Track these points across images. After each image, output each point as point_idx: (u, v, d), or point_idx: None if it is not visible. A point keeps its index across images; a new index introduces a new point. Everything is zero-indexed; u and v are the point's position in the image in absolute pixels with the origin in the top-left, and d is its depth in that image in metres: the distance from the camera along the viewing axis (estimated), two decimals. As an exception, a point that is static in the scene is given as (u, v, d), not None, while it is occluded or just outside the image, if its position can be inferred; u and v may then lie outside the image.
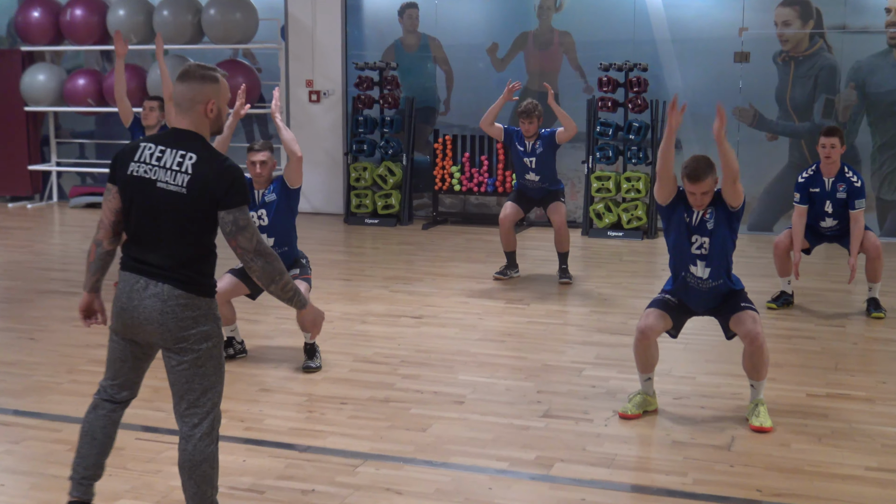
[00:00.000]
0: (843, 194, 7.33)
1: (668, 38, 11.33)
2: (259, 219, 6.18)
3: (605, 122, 11.12)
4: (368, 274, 9.10)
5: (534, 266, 9.36)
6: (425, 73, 12.28)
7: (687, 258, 5.21)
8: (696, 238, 5.17)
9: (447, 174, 11.85)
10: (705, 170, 5.04)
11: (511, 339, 6.91)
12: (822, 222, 7.49)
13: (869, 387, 5.83)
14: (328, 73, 12.46)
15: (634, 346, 5.34)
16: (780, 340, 6.78)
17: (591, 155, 11.30)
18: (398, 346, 6.69)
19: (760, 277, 8.46)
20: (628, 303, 7.89)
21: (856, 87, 10.84)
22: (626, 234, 11.03)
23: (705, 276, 5.19)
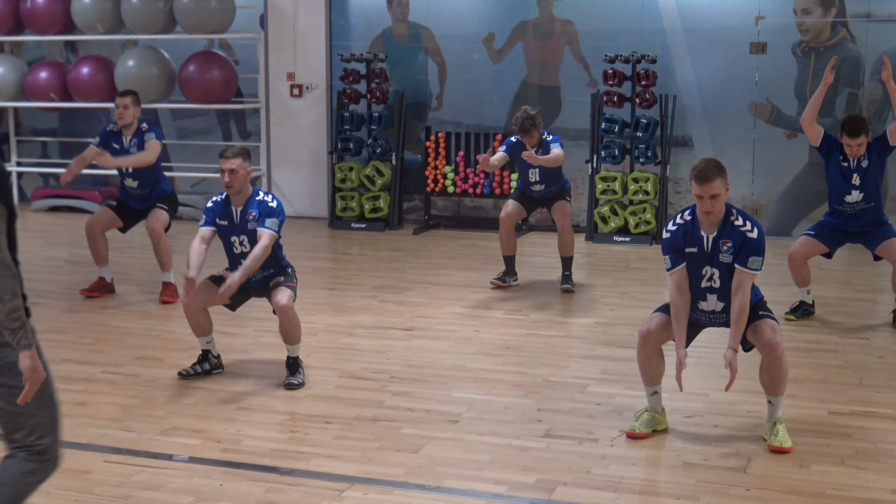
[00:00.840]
0: (867, 161, 7.39)
1: (678, 28, 11.36)
2: (241, 245, 6.17)
3: (610, 119, 11.15)
4: (355, 283, 9.11)
5: (534, 273, 9.38)
6: (416, 66, 12.31)
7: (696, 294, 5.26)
8: (707, 269, 5.21)
9: (440, 175, 11.88)
10: (715, 172, 5.07)
11: (509, 353, 6.92)
12: (847, 196, 7.47)
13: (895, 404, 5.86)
14: (311, 66, 12.48)
15: (637, 354, 5.37)
16: (800, 354, 6.81)
17: (596, 154, 11.33)
18: (388, 361, 6.70)
19: (779, 286, 8.49)
20: (636, 314, 7.91)
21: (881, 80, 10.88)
22: (634, 239, 11.06)
23: (718, 310, 5.27)
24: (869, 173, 7.42)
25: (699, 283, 5.23)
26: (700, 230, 5.20)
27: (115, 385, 6.20)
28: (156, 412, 5.73)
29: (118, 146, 8.29)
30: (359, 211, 12.10)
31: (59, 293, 8.63)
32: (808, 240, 7.64)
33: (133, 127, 8.31)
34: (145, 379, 6.31)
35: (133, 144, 8.28)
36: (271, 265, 6.24)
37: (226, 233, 6.20)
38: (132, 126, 8.31)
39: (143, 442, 5.31)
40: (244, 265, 5.99)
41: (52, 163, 13.77)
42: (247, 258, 6.02)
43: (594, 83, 11.65)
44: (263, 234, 6.04)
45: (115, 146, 8.29)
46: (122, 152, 8.27)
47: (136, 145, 8.27)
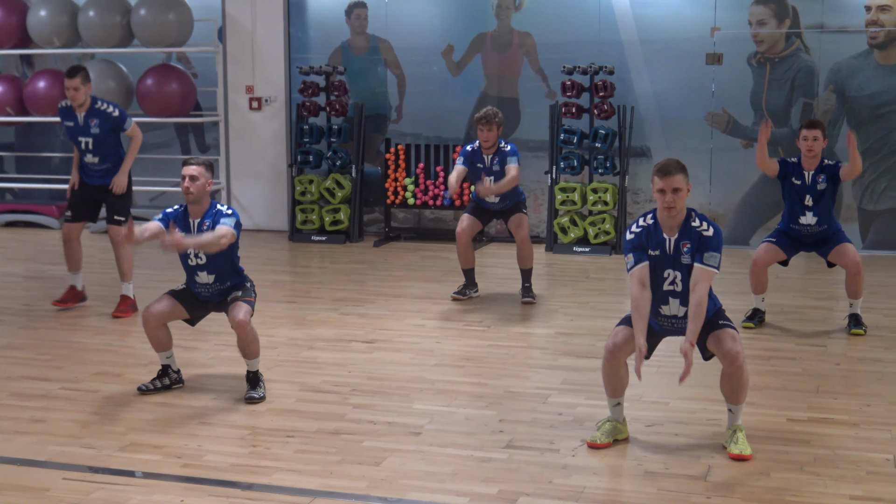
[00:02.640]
0: (823, 184, 7.48)
1: (635, 39, 11.44)
2: (196, 256, 6.12)
3: (569, 130, 11.20)
4: (316, 295, 9.08)
5: (494, 285, 9.38)
6: (375, 78, 12.31)
7: (658, 297, 5.28)
8: (669, 273, 5.24)
9: (400, 187, 11.87)
10: (677, 167, 5.14)
11: (471, 365, 6.92)
12: (801, 218, 7.57)
13: (853, 410, 5.91)
14: (270, 79, 12.44)
15: (603, 367, 5.38)
16: (759, 362, 6.86)
17: (555, 165, 11.37)
18: (349, 374, 6.68)
19: (736, 295, 8.54)
20: (596, 323, 7.94)
21: (835, 90, 11.00)
22: (593, 249, 11.10)
23: (680, 315, 5.28)
24: (823, 197, 7.51)
25: (661, 286, 5.24)
26: (662, 233, 5.23)
27: (74, 401, 6.14)
28: (115, 428, 5.68)
29: (72, 123, 8.24)
30: (319, 223, 12.07)
31: (17, 309, 8.53)
32: (770, 246, 7.70)
33: (86, 104, 8.22)
34: (104, 395, 6.25)
35: (91, 123, 8.18)
36: (229, 277, 6.19)
37: None
38: (84, 107, 8.22)
39: (102, 458, 5.25)
40: (199, 238, 5.90)
41: (9, 178, 13.63)
42: (204, 234, 5.95)
43: (553, 95, 11.70)
44: (221, 227, 5.99)
45: (68, 124, 8.27)
46: (78, 129, 8.23)
47: (97, 125, 8.18)
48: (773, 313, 8.12)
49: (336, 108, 11.90)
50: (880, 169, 10.98)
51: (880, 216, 11.05)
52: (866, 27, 10.84)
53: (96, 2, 12.15)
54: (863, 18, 10.85)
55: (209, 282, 6.15)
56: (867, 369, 6.79)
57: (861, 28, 10.87)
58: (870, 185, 11.03)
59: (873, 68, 10.88)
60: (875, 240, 11.07)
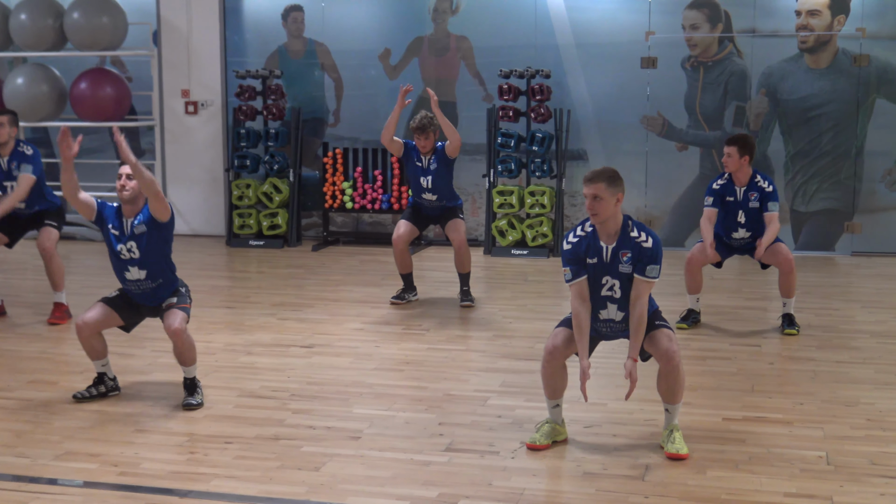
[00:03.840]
0: (755, 203, 7.58)
1: (571, 43, 11.51)
2: (129, 251, 6.05)
3: (506, 133, 11.25)
4: (254, 300, 9.03)
5: (433, 289, 9.39)
6: (312, 82, 12.27)
7: (596, 303, 5.32)
8: (606, 279, 5.28)
9: (338, 191, 11.84)
10: (602, 175, 5.18)
11: (410, 368, 6.92)
12: (733, 233, 7.72)
13: (786, 409, 6.00)
14: (206, 83, 12.35)
15: (542, 369, 5.40)
16: (695, 362, 6.93)
17: (493, 168, 11.41)
18: (287, 379, 6.64)
19: (671, 296, 8.63)
20: (535, 326, 7.97)
21: (767, 93, 11.16)
22: (531, 252, 11.15)
23: (618, 319, 5.33)
24: (756, 214, 7.61)
25: (599, 291, 5.28)
26: (599, 241, 5.26)
27: (8, 410, 6.04)
28: (50, 437, 5.60)
29: None
30: (256, 228, 12.00)
31: (-52, 317, 8.39)
32: (703, 246, 7.78)
33: (10, 146, 8.15)
34: (39, 403, 6.16)
35: (13, 167, 8.13)
36: (161, 274, 6.10)
37: (112, 241, 6.07)
38: (9, 145, 8.15)
39: (37, 468, 5.18)
40: (138, 164, 5.82)
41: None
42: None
43: (490, 98, 11.73)
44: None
45: None
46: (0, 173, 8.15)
47: (16, 167, 8.12)
48: (708, 314, 8.21)
49: (273, 111, 11.84)
50: (811, 171, 11.15)
51: (812, 218, 11.22)
52: (797, 31, 11.01)
53: (28, 4, 11.97)
54: (793, 23, 11.01)
55: (140, 278, 6.08)
56: (800, 368, 6.89)
57: (792, 32, 11.03)
58: (801, 186, 11.20)
59: (804, 72, 11.05)
60: (807, 241, 11.24)
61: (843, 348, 7.35)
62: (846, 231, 11.17)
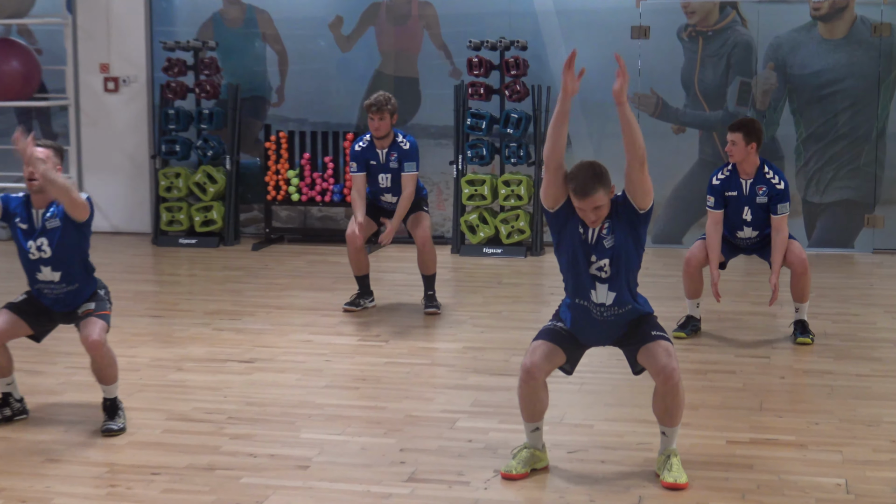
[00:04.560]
0: (763, 198, 7.59)
1: (551, 10, 11.53)
2: (39, 249, 5.98)
3: (476, 114, 11.24)
4: (185, 308, 8.99)
5: (393, 293, 9.38)
6: (252, 55, 12.22)
7: (585, 282, 5.29)
8: (595, 258, 5.27)
9: (282, 181, 11.81)
10: (594, 181, 5.14)
11: (366, 386, 6.90)
12: (738, 232, 7.74)
13: (799, 429, 6.02)
14: (129, 56, 12.29)
15: (519, 390, 5.39)
16: (695, 376, 6.95)
17: (461, 154, 11.40)
18: (224, 399, 6.61)
19: (668, 300, 8.65)
20: (511, 336, 7.97)
21: (775, 67, 11.22)
22: (506, 250, 11.15)
23: (609, 303, 5.28)
24: (764, 211, 7.61)
25: (588, 270, 5.27)
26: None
27: None
28: (-54, 469, 5.54)
29: None
30: (188, 224, 11.95)
31: None
32: (705, 245, 7.77)
33: None
34: (-67, 429, 6.10)
35: None
36: (78, 276, 6.05)
37: (20, 237, 6.01)
38: None
39: (-70, 505, 5.12)
40: (51, 171, 5.79)
41: None
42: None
43: (457, 73, 11.73)
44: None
45: None
46: None
47: None
48: (709, 321, 8.23)
49: (207, 89, 11.79)
50: (826, 156, 11.22)
51: (827, 210, 11.28)
52: (809, -3, 11.08)
53: (-80, -35, 11.87)
54: (805, -13, 11.09)
55: (54, 280, 6.02)
56: (815, 383, 6.92)
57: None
58: (815, 174, 11.26)
59: (817, 43, 11.11)
60: (822, 237, 11.29)
61: (864, 360, 7.39)
62: (866, 225, 11.24)
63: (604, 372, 6.83)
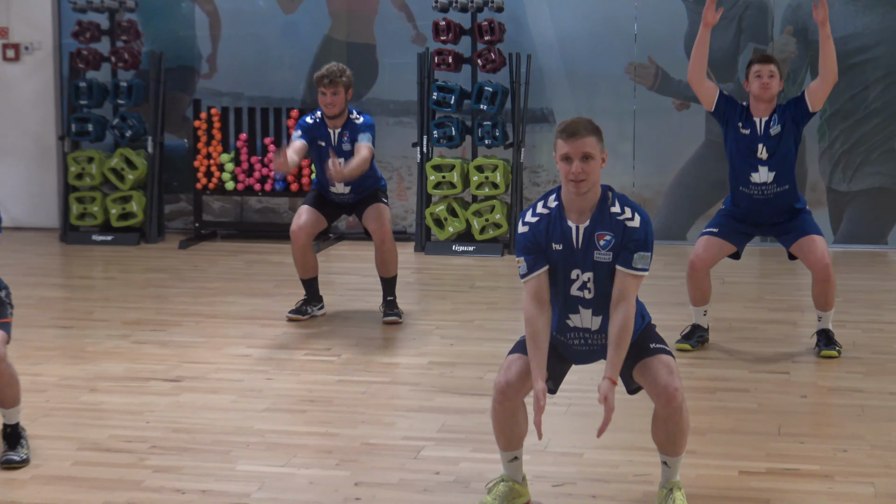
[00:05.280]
0: (777, 127, 7.59)
1: (531, -35, 11.55)
2: None
3: (444, 87, 11.24)
4: (99, 318, 8.97)
5: (346, 299, 9.39)
6: (178, 17, 12.20)
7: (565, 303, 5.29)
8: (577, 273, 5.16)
9: (215, 166, 11.79)
10: (586, 127, 4.99)
11: (315, 408, 6.90)
12: (752, 175, 7.65)
13: (825, 457, 6.04)
14: (31, 19, 12.25)
15: (493, 412, 5.36)
16: (702, 396, 6.97)
17: (426, 135, 11.40)
18: (146, 425, 6.60)
19: (669, 306, 8.68)
20: (485, 349, 7.98)
21: (794, 32, 11.26)
22: (480, 248, 11.17)
23: (595, 328, 5.26)
24: (781, 145, 7.60)
25: (568, 290, 5.12)
26: (567, 220, 5.10)
27: None
28: None
29: None
30: (102, 218, 11.93)
31: None
32: (711, 241, 7.75)
33: None
34: None
35: None
36: None
37: None
38: None
39: None
40: None
41: None
42: None
43: (421, 39, 11.72)
44: None
45: None
46: None
47: None
48: (718, 330, 8.26)
49: (124, 58, 11.76)
50: (854, 137, 11.27)
51: (856, 200, 11.33)
52: (834, -51, 11.14)
53: None
54: (829, -62, 11.14)
55: None
56: (843, 403, 6.95)
57: (827, -50, 11.15)
58: (842, 158, 11.30)
59: (843, 3, 11.15)
60: (850, 231, 11.32)
61: (899, 375, 7.45)
62: (901, 217, 11.33)
63: (594, 391, 6.82)
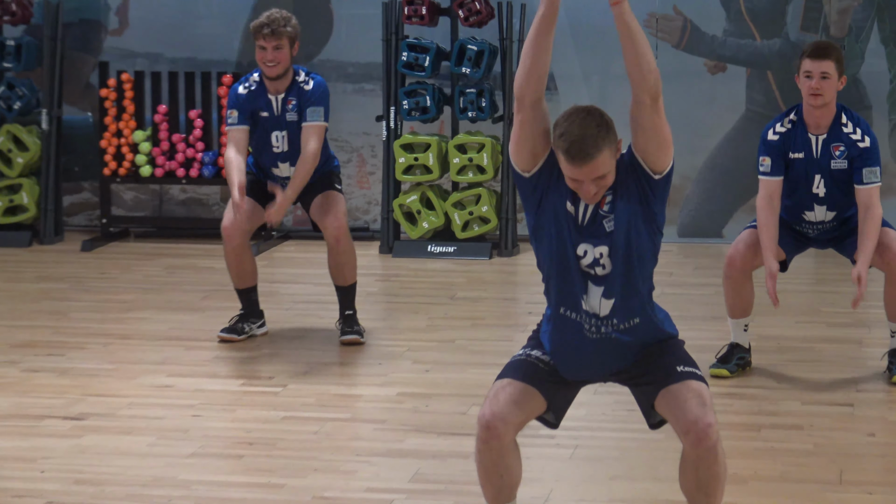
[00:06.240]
0: (842, 162, 7.59)
1: None
2: None
3: (416, 46, 11.23)
4: (-20, 339, 8.96)
5: (293, 314, 9.42)
6: (80, -42, 12.21)
7: (573, 283, 5.27)
8: (587, 249, 5.23)
9: (126, 147, 11.77)
10: (596, 137, 5.04)
11: (255, 453, 6.89)
12: (806, 214, 7.71)
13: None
14: None
15: (478, 454, 5.35)
16: (742, 433, 6.98)
17: (394, 106, 11.39)
18: (41, 475, 6.59)
19: (702, 321, 8.69)
20: (468, 377, 7.99)
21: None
22: (463, 249, 11.17)
23: (606, 313, 5.25)
24: (843, 181, 7.56)
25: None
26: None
27: None
28: None
29: None
30: (-16, 213, 11.93)
31: None
32: (755, 235, 7.72)
33: None
34: None
35: None
36: None
37: None
38: None
39: None
40: None
41: None
42: None
43: (387, -14, 11.75)
44: None
45: None
46: None
47: None
48: (763, 351, 8.27)
49: (11, 10, 11.75)
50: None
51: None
52: None
53: None
54: None
55: None
56: (920, 442, 6.98)
57: None
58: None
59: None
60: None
61: None
62: None
63: (607, 427, 6.84)
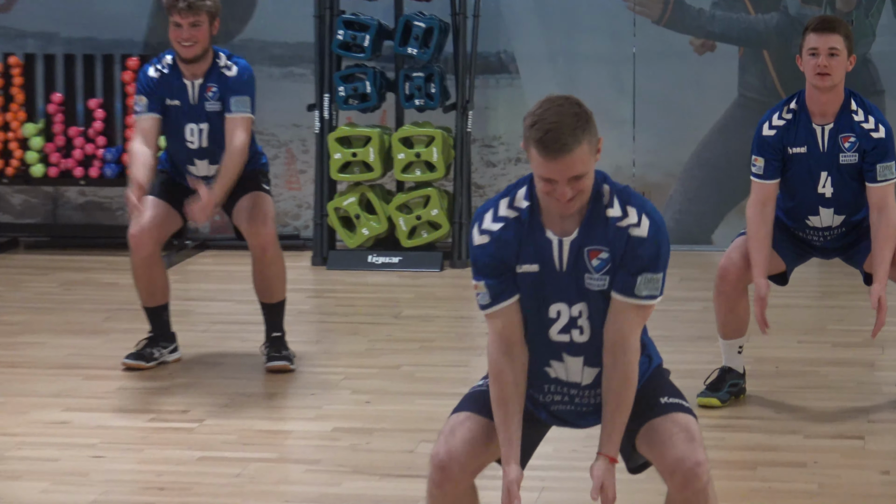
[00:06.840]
0: (851, 156, 7.59)
1: None
2: None
3: (354, 22, 11.24)
4: None
5: (211, 337, 9.45)
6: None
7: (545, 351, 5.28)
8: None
9: (15, 142, 11.77)
10: (575, 130, 4.97)
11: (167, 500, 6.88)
12: (810, 217, 7.71)
13: (917, 562, 6.08)
14: None
15: (429, 499, 5.35)
16: (737, 473, 6.98)
17: (328, 93, 11.38)
18: (-86, 529, 6.56)
19: (688, 342, 8.71)
20: (416, 410, 8.01)
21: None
22: (409, 259, 11.17)
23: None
24: (853, 178, 7.55)
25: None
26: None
27: None
28: None
29: None
30: None
31: None
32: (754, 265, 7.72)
33: None
34: None
35: None
36: None
37: None
38: None
39: None
40: None
41: None
42: None
43: (320, -49, 11.75)
44: None
45: None
46: None
47: None
48: (759, 377, 8.29)
49: None
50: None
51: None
52: None
53: None
54: None
55: None
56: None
57: None
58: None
59: None
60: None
61: None
62: None
63: (577, 466, 6.82)
